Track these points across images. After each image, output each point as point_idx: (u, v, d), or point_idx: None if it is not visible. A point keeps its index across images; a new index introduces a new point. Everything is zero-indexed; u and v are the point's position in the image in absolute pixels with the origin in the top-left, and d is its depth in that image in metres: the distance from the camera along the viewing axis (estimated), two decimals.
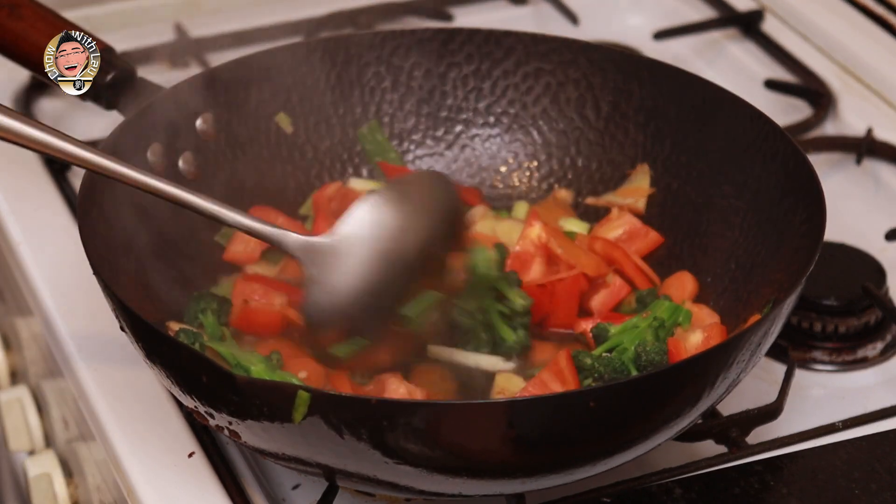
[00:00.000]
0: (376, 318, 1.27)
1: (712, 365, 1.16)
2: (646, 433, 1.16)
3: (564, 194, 1.48)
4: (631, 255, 1.39)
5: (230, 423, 1.15)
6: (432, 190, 1.29)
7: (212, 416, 1.16)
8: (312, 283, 1.24)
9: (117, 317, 1.22)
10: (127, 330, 1.21)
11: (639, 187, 1.45)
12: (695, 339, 1.30)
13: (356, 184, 1.46)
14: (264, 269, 1.39)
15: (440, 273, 1.30)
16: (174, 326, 1.30)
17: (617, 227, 1.43)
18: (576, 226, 1.44)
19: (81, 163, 1.20)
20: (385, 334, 1.28)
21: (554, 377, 1.25)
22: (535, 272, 1.37)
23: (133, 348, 1.22)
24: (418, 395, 1.25)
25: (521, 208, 1.47)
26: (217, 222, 1.24)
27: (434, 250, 1.27)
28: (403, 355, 1.30)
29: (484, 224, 1.44)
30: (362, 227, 1.24)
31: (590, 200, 1.47)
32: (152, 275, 1.33)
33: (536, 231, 1.38)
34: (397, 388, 1.25)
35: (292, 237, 1.23)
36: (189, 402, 1.18)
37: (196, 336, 1.28)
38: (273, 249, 1.33)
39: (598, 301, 1.38)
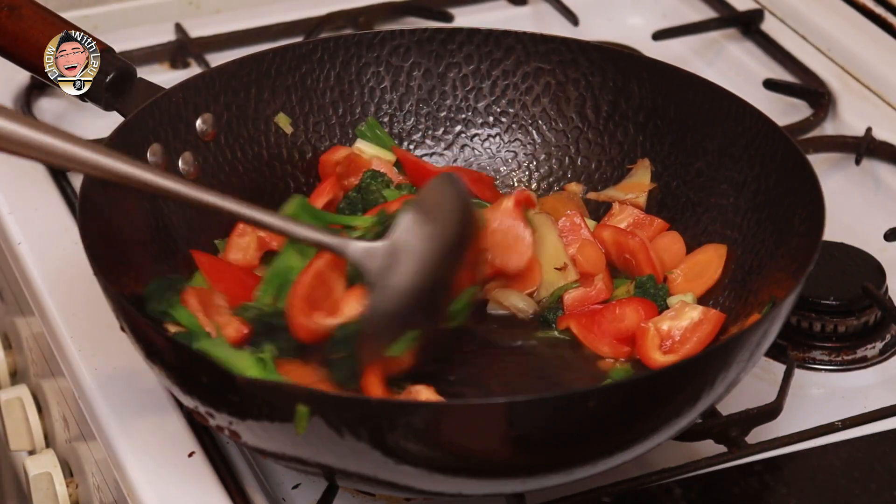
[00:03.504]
0: (428, 317, 1.29)
1: (712, 365, 1.16)
2: (645, 433, 1.16)
3: (575, 188, 1.48)
4: (648, 245, 1.38)
5: (230, 423, 1.15)
6: (452, 192, 1.32)
7: (212, 416, 1.16)
8: (373, 288, 1.26)
9: (118, 317, 1.22)
10: (127, 330, 1.21)
11: (640, 182, 1.44)
12: (693, 314, 1.31)
13: (364, 146, 1.46)
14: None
15: (471, 268, 1.33)
16: (172, 328, 1.30)
17: (621, 221, 1.42)
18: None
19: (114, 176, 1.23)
20: (435, 331, 1.31)
21: None
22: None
23: (133, 348, 1.22)
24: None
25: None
26: (273, 232, 1.28)
27: (463, 248, 1.32)
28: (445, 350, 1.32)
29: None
30: (409, 231, 1.28)
31: (591, 195, 1.47)
32: (153, 275, 1.33)
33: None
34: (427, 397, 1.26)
35: (354, 245, 1.27)
36: (189, 402, 1.18)
37: (192, 337, 1.28)
38: (270, 256, 1.36)
39: (571, 297, 1.37)
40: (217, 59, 1.74)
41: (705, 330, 1.31)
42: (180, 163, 1.40)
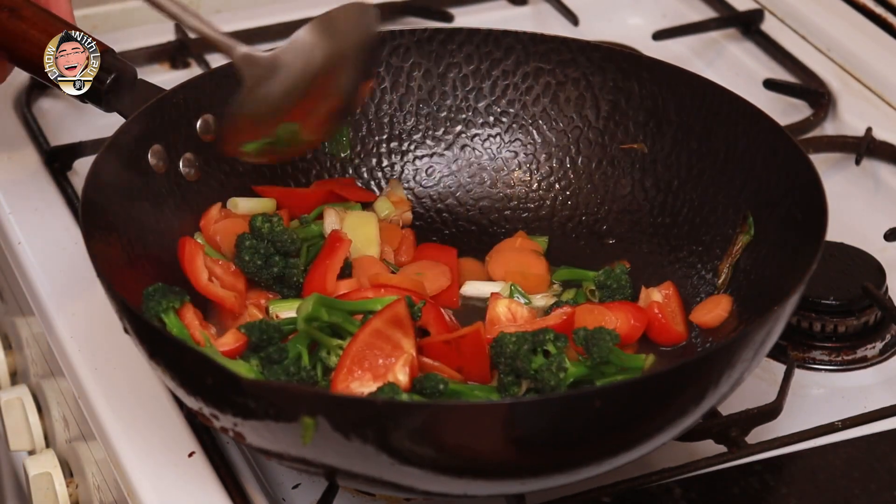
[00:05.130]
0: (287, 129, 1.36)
1: (718, 363, 1.16)
2: (651, 432, 1.16)
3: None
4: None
5: (235, 425, 1.15)
6: (354, 21, 1.37)
7: (217, 417, 1.16)
8: (246, 89, 1.33)
9: (121, 319, 1.22)
10: (131, 332, 1.21)
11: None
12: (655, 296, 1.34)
13: (239, 202, 1.43)
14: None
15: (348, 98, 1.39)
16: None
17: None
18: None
19: None
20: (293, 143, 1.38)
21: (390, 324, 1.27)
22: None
23: (133, 348, 1.22)
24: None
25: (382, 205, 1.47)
26: (177, 21, 1.34)
27: (347, 78, 1.37)
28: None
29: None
30: (297, 51, 1.33)
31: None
32: (155, 277, 1.33)
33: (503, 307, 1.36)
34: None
35: (239, 48, 1.33)
36: (193, 403, 1.17)
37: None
38: None
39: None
40: (217, 59, 1.74)
41: (675, 299, 1.36)
42: (181, 163, 1.40)
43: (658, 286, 1.38)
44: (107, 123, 1.43)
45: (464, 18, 1.84)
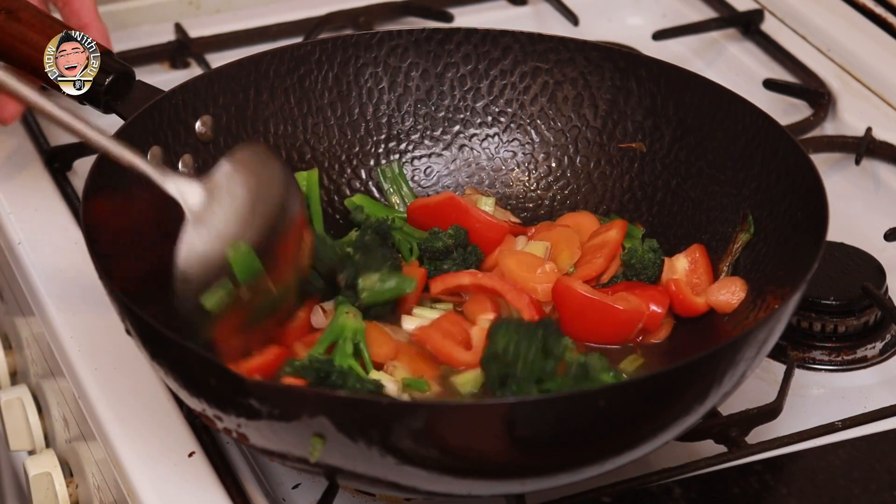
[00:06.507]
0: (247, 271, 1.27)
1: (721, 362, 1.16)
2: (654, 431, 1.17)
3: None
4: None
5: (239, 426, 1.15)
6: (272, 162, 1.31)
7: (220, 419, 1.16)
8: (191, 226, 1.25)
9: (123, 320, 1.22)
10: (133, 333, 1.21)
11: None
12: (680, 264, 1.36)
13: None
14: None
15: (295, 243, 1.30)
16: None
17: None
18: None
19: None
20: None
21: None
22: None
23: (134, 348, 1.22)
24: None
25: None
26: (92, 146, 1.25)
27: (284, 214, 1.29)
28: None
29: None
30: (230, 176, 1.28)
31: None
32: (156, 277, 1.33)
33: None
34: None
35: (172, 177, 1.26)
36: (196, 405, 1.17)
37: None
38: None
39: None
40: (217, 59, 1.74)
41: (703, 264, 1.36)
42: (179, 165, 1.40)
43: (685, 251, 1.38)
44: (107, 124, 1.43)
45: (463, 19, 1.84)
